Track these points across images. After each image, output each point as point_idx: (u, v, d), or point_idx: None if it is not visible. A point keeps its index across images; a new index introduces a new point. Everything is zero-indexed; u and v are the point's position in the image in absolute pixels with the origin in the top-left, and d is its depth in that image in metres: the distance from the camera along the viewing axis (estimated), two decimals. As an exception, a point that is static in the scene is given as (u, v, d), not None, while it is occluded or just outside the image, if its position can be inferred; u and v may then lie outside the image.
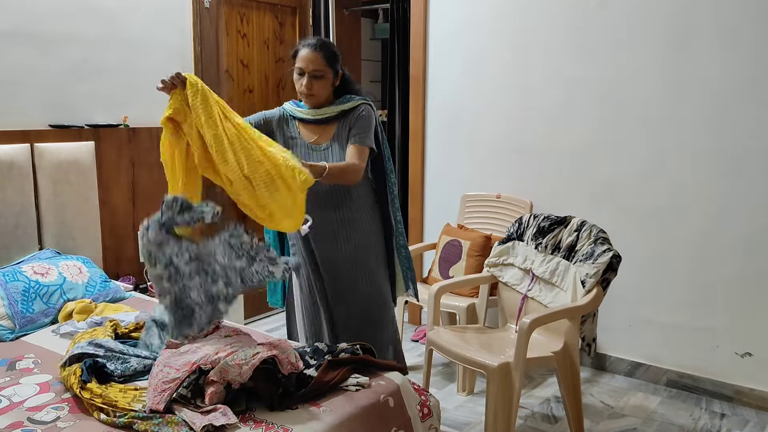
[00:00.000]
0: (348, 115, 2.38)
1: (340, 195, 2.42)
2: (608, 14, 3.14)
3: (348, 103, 2.38)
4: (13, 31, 2.91)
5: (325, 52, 2.31)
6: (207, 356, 1.78)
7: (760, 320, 2.91)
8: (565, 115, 3.32)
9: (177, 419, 1.67)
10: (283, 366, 1.82)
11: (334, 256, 2.45)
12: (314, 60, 2.31)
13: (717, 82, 2.90)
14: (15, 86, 2.94)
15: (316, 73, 2.31)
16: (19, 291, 2.54)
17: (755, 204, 2.87)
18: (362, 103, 2.39)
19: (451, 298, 3.21)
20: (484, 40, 3.56)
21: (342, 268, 2.46)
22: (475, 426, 2.79)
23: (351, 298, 2.47)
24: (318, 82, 2.32)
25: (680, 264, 3.08)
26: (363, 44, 5.32)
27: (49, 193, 2.96)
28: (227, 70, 3.91)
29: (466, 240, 3.35)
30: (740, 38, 2.82)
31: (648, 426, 2.81)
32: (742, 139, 2.87)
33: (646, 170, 3.12)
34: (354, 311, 2.49)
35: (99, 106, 3.26)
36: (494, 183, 3.59)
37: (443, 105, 3.78)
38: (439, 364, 3.42)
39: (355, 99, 2.40)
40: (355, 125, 2.35)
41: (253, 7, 4.04)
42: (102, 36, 3.23)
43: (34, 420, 1.76)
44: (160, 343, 2.08)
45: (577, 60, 3.25)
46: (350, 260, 2.45)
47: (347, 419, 1.78)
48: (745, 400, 2.98)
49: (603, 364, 3.38)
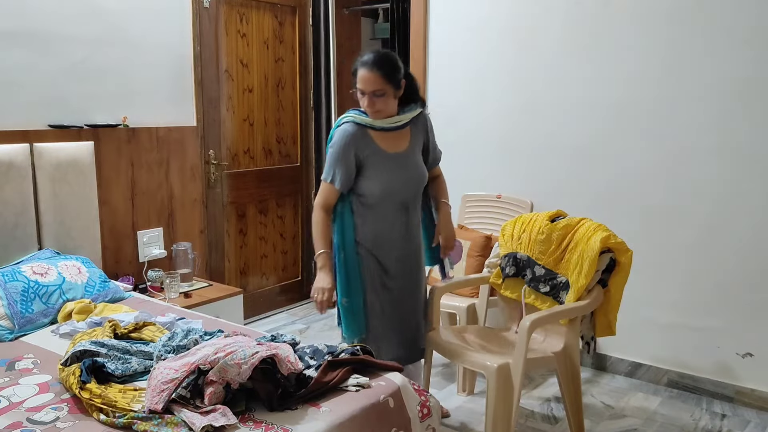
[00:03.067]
0: (417, 121, 2.49)
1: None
2: (608, 14, 3.14)
3: (414, 111, 2.47)
4: (13, 31, 2.90)
5: (383, 70, 2.29)
6: (206, 356, 1.78)
7: (761, 320, 2.91)
8: (566, 115, 3.32)
9: (176, 419, 1.66)
10: (282, 366, 1.81)
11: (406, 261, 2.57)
12: (373, 80, 2.29)
13: (717, 82, 2.90)
14: (15, 86, 2.93)
15: (377, 92, 2.30)
16: (18, 291, 2.53)
17: (755, 204, 2.87)
18: (421, 111, 2.51)
19: (451, 298, 3.21)
20: (485, 40, 3.56)
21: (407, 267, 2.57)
22: (475, 426, 2.79)
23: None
24: (380, 99, 2.32)
25: (680, 264, 3.08)
26: (363, 44, 5.32)
27: (49, 193, 2.95)
28: (227, 69, 3.90)
29: (466, 240, 3.34)
30: (740, 38, 2.82)
31: (648, 426, 2.81)
32: (743, 139, 2.87)
33: (646, 170, 3.12)
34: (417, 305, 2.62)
35: (99, 106, 3.25)
36: (494, 183, 3.59)
37: (443, 105, 3.77)
38: (439, 364, 3.41)
39: (416, 107, 2.48)
40: (429, 140, 2.55)
41: (252, 7, 4.03)
42: (102, 36, 3.23)
43: (33, 420, 1.75)
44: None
45: (578, 60, 3.25)
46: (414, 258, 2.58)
47: (347, 419, 1.78)
48: (746, 401, 2.97)
49: (603, 365, 3.38)
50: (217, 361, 1.75)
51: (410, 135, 2.47)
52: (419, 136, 2.49)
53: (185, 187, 3.68)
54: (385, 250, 2.45)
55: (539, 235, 2.65)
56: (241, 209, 4.10)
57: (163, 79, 3.53)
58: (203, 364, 1.76)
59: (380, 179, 2.39)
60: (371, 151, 2.39)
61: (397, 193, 2.43)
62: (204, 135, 3.76)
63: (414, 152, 2.47)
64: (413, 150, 2.47)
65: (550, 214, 2.73)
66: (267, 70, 4.16)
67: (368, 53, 2.33)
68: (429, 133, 2.55)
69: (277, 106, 4.25)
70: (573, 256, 2.54)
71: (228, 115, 3.95)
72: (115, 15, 3.27)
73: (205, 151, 3.78)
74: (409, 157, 2.45)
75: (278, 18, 4.20)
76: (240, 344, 1.84)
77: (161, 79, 3.51)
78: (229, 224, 4.03)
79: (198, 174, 3.74)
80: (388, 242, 2.45)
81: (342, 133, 2.38)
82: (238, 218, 4.09)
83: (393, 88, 2.33)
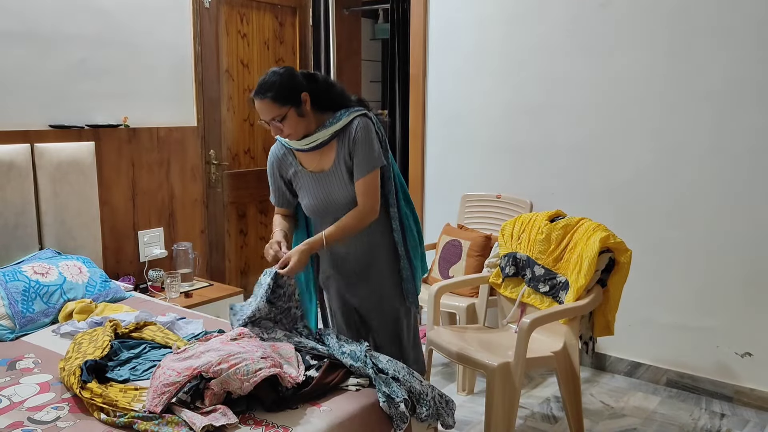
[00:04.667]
0: (345, 132, 2.15)
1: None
2: (608, 14, 3.14)
3: (339, 123, 2.15)
4: (13, 31, 2.91)
5: (271, 94, 2.07)
6: (210, 363, 1.77)
7: (760, 320, 2.91)
8: (566, 115, 3.33)
9: (177, 419, 1.67)
10: (284, 381, 1.82)
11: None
12: (266, 108, 2.08)
13: (717, 81, 2.90)
14: (15, 86, 2.94)
15: (276, 118, 2.09)
16: (19, 291, 2.54)
17: (755, 204, 2.87)
18: (354, 117, 2.15)
19: (451, 298, 3.21)
20: (485, 40, 3.56)
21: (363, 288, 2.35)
22: (475, 426, 2.79)
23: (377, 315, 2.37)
24: (285, 124, 2.10)
25: (680, 264, 3.09)
26: (363, 44, 5.32)
27: (50, 193, 2.96)
28: (227, 70, 3.91)
29: (466, 240, 3.35)
30: (740, 38, 2.82)
31: (648, 426, 2.81)
32: (743, 139, 2.87)
33: (646, 170, 3.13)
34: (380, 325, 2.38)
35: (99, 106, 3.26)
36: (494, 183, 3.59)
37: (443, 105, 3.78)
38: (439, 364, 3.42)
39: (345, 115, 2.15)
40: (354, 152, 2.14)
41: (253, 7, 4.04)
42: (102, 36, 3.23)
43: (34, 420, 1.76)
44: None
45: (578, 60, 3.25)
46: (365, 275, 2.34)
47: (347, 419, 1.78)
48: (745, 400, 2.98)
49: (603, 364, 3.38)
50: (220, 373, 1.74)
51: (335, 149, 2.17)
52: (345, 149, 2.16)
53: (186, 187, 3.68)
54: (325, 270, 2.39)
55: (539, 235, 2.66)
56: (241, 209, 4.11)
57: (164, 80, 3.53)
58: (205, 372, 1.76)
59: (305, 198, 2.27)
60: (294, 171, 2.26)
61: (324, 212, 2.24)
62: (204, 135, 3.76)
63: (338, 169, 2.18)
64: (338, 166, 2.17)
65: (550, 214, 2.74)
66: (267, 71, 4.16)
67: (258, 81, 2.13)
68: (352, 149, 2.14)
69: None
70: (572, 255, 2.55)
71: (228, 115, 3.95)
72: (116, 15, 3.28)
73: (206, 151, 3.79)
74: (332, 175, 2.19)
75: (279, 18, 4.20)
76: (244, 355, 1.82)
77: (162, 79, 3.52)
78: (230, 224, 4.04)
79: (198, 174, 3.74)
80: (326, 261, 2.36)
81: (270, 154, 2.33)
82: (238, 218, 4.09)
83: (293, 107, 2.08)
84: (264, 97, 2.08)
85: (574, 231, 2.59)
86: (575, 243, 2.56)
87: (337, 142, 2.17)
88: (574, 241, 2.57)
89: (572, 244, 2.57)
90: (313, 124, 2.16)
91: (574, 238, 2.57)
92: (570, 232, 2.60)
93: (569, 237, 2.60)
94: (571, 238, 2.58)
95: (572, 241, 2.58)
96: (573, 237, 2.58)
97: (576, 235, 2.57)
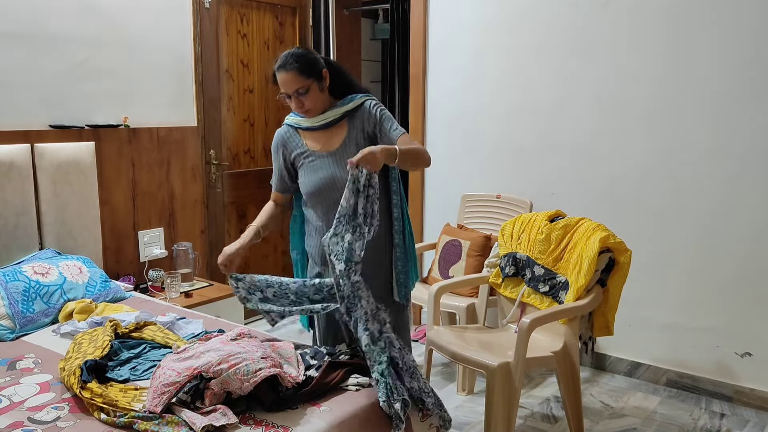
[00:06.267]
0: (356, 114, 2.24)
1: None
2: (608, 14, 3.14)
3: (351, 103, 2.25)
4: (13, 31, 2.91)
5: (297, 67, 2.14)
6: (210, 364, 1.77)
7: (760, 320, 2.91)
8: (565, 115, 3.33)
9: (177, 419, 1.67)
10: (284, 381, 1.82)
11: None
12: (291, 80, 2.15)
13: (717, 81, 2.90)
14: (15, 86, 2.94)
15: (300, 90, 2.16)
16: (19, 291, 2.54)
17: (755, 204, 2.87)
18: (366, 99, 2.26)
19: (451, 298, 3.22)
20: (484, 40, 3.56)
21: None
22: (475, 426, 2.79)
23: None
24: (307, 97, 2.18)
25: (680, 264, 3.09)
26: (363, 44, 5.32)
27: (50, 194, 2.96)
28: (227, 70, 3.91)
29: (466, 240, 3.35)
30: (740, 38, 2.82)
31: (648, 426, 2.81)
32: (742, 139, 2.87)
33: (646, 170, 3.13)
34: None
35: (99, 106, 3.26)
36: (494, 183, 3.60)
37: (443, 105, 3.78)
38: (439, 364, 3.42)
39: (357, 97, 2.26)
40: (381, 125, 2.22)
41: (253, 7, 4.04)
42: (102, 36, 3.24)
43: (34, 420, 1.76)
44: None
45: (577, 60, 3.25)
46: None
47: (347, 419, 1.78)
48: (745, 400, 2.98)
49: (603, 364, 3.38)
50: (220, 373, 1.75)
51: (346, 131, 2.24)
52: (358, 130, 2.23)
53: (186, 187, 3.69)
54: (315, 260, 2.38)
55: (538, 235, 2.66)
56: (241, 209, 4.11)
57: (164, 80, 3.53)
58: (206, 372, 1.76)
59: (307, 178, 2.28)
60: (300, 151, 2.30)
61: (325, 193, 2.24)
62: (205, 135, 3.76)
63: (348, 149, 2.22)
64: (347, 147, 2.23)
65: (550, 214, 2.74)
66: (267, 71, 4.14)
67: (280, 56, 2.20)
68: (377, 122, 2.23)
69: (278, 106, 4.26)
70: (572, 255, 2.55)
71: (229, 115, 3.95)
72: (116, 15, 3.28)
73: (206, 151, 3.79)
74: (338, 155, 2.23)
75: (279, 18, 4.21)
76: (244, 355, 1.82)
77: (162, 79, 3.52)
78: (230, 224, 4.04)
79: (199, 174, 3.75)
80: (317, 257, 2.35)
81: (275, 136, 2.37)
82: (238, 218, 4.10)
83: (315, 80, 2.17)
84: (290, 68, 2.15)
85: (573, 231, 2.59)
86: (575, 243, 2.56)
87: (348, 123, 2.25)
88: (573, 241, 2.57)
89: (572, 244, 2.57)
90: (327, 103, 2.25)
91: (574, 238, 2.57)
92: (570, 232, 2.60)
93: (569, 237, 2.60)
94: (571, 238, 2.59)
95: (572, 241, 2.58)
96: (573, 237, 2.58)
97: (576, 235, 2.57)
